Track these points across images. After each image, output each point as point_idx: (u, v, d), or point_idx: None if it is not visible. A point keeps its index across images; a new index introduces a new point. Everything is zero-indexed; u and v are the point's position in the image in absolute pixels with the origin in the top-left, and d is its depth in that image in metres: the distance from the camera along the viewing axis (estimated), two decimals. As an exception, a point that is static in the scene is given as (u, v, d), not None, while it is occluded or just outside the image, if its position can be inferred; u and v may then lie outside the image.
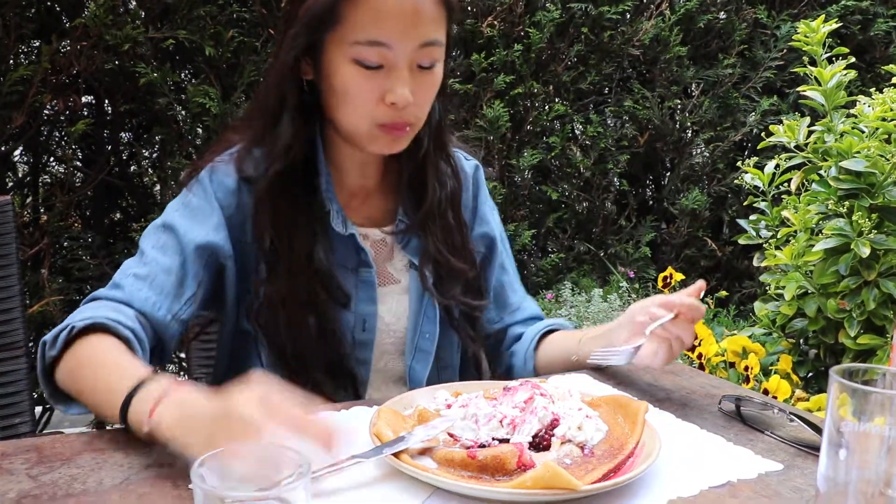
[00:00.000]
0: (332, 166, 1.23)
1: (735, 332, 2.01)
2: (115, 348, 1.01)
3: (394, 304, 1.26)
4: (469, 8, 2.93)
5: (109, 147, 2.60)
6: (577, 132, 3.29)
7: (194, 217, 1.15)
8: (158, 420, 0.86)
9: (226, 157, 1.19)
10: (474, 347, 1.31)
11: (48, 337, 1.03)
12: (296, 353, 1.15)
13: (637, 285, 3.08)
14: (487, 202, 1.42)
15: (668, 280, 2.54)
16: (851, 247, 1.54)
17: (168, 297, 1.10)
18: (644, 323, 1.13)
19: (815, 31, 1.72)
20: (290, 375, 1.14)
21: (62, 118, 2.50)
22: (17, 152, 2.52)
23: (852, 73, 1.69)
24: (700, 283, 1.15)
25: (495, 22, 2.89)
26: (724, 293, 2.85)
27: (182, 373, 2.72)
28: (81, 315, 1.04)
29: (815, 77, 1.70)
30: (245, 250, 1.17)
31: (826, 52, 1.72)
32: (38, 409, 2.61)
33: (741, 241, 1.89)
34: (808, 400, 1.60)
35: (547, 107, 3.07)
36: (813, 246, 1.62)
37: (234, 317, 1.20)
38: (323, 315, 1.16)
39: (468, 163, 1.39)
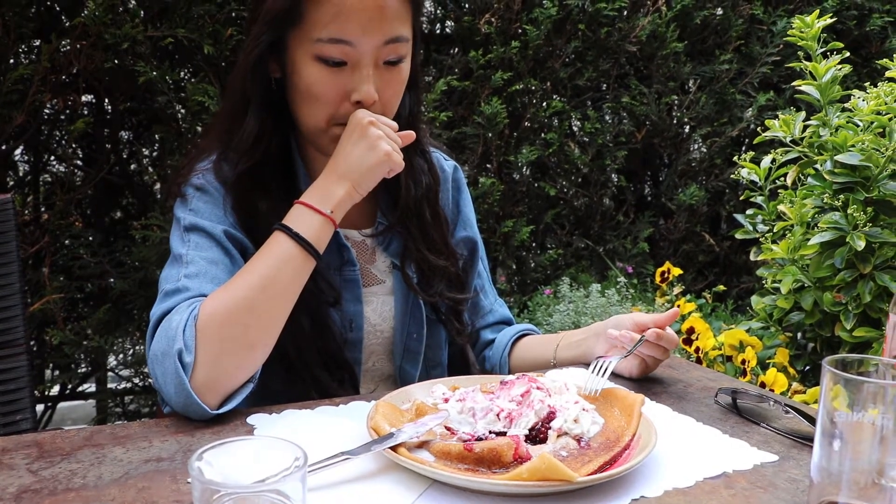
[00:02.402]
0: (308, 168, 1.24)
1: (733, 326, 2.01)
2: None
3: (379, 305, 1.27)
4: (466, 5, 2.94)
5: (109, 145, 2.60)
6: (575, 128, 3.30)
7: (210, 214, 1.15)
8: (336, 200, 1.08)
9: (207, 165, 1.19)
10: (461, 340, 1.33)
11: (171, 361, 0.97)
12: (295, 350, 1.16)
13: (635, 280, 3.09)
14: (469, 205, 1.43)
15: (666, 275, 2.54)
16: (847, 240, 1.55)
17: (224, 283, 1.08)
18: (618, 338, 1.17)
19: (809, 26, 1.72)
20: (290, 372, 1.16)
21: (62, 117, 2.51)
22: (17, 151, 2.52)
23: (847, 68, 1.70)
24: (674, 311, 1.19)
25: (493, 19, 2.89)
26: (721, 288, 2.85)
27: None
28: (179, 318, 1.00)
29: (810, 72, 1.70)
30: (248, 253, 1.18)
31: (821, 48, 1.72)
32: (40, 407, 2.62)
33: (738, 236, 1.90)
34: (804, 392, 1.61)
35: (544, 103, 3.07)
36: (809, 240, 1.62)
37: None
38: (314, 314, 1.17)
39: (447, 163, 1.40)
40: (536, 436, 0.91)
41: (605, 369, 1.07)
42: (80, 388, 2.77)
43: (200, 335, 0.98)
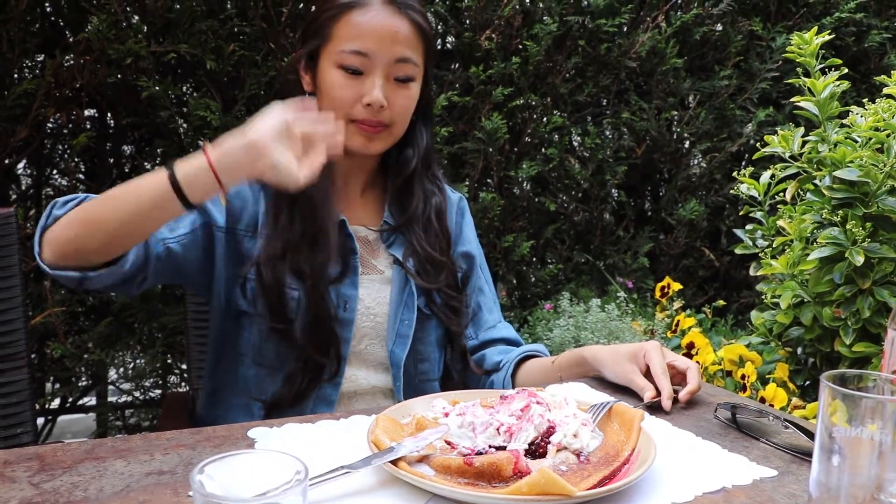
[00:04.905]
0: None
1: (733, 340, 2.01)
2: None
3: (375, 291, 1.40)
4: (467, 21, 2.96)
5: (112, 160, 2.62)
6: (575, 144, 3.31)
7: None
8: (217, 148, 1.08)
9: None
10: (449, 324, 1.44)
11: (59, 200, 1.19)
12: (283, 317, 1.30)
13: (635, 295, 3.09)
14: (471, 227, 1.58)
15: (666, 290, 2.55)
16: (846, 255, 1.55)
17: (163, 228, 1.24)
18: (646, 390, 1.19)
19: (808, 42, 1.74)
20: (278, 339, 1.31)
21: (65, 131, 2.52)
22: (20, 165, 2.53)
23: (845, 84, 1.71)
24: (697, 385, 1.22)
25: (493, 35, 2.90)
26: (721, 303, 2.85)
27: (183, 368, 2.73)
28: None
29: (809, 88, 1.71)
30: (237, 238, 1.33)
31: (820, 64, 1.73)
32: (41, 420, 2.62)
33: (737, 251, 1.91)
34: (804, 408, 1.61)
35: (545, 118, 3.09)
36: (808, 255, 1.63)
37: (224, 299, 1.35)
38: (310, 289, 1.30)
39: (454, 195, 1.57)
40: (536, 450, 0.91)
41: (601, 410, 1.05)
42: (80, 402, 2.76)
43: (77, 208, 1.17)
